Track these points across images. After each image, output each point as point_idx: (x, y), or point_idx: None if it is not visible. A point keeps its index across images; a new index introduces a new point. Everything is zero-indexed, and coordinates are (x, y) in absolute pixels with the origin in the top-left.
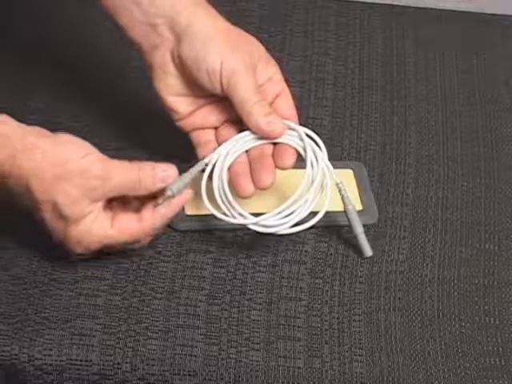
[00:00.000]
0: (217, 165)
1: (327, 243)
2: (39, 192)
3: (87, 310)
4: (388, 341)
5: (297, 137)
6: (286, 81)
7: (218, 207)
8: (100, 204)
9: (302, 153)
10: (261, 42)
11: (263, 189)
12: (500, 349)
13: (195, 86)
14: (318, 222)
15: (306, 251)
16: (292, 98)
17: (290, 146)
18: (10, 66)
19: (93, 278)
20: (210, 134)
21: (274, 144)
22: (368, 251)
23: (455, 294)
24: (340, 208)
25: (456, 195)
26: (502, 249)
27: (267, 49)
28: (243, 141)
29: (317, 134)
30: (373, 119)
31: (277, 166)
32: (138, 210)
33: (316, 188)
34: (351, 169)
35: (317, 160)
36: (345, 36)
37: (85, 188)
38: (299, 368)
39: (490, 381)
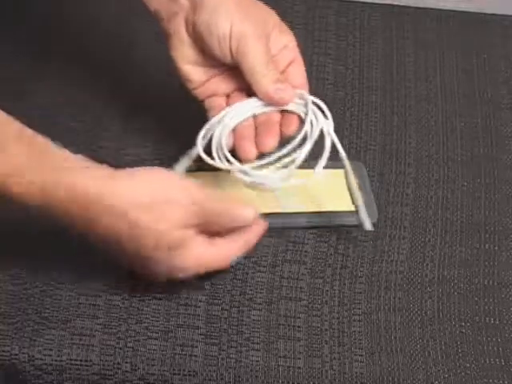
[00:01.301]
0: (220, 122)
1: (327, 243)
2: (141, 218)
3: (87, 309)
4: (388, 341)
5: (304, 105)
6: None
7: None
8: (199, 233)
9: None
10: None
11: (265, 151)
12: (500, 349)
13: (208, 55)
14: (320, 221)
15: (305, 251)
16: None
17: (296, 113)
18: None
19: (93, 278)
20: (221, 100)
21: (282, 112)
22: (368, 225)
23: (455, 294)
24: (340, 208)
25: (456, 195)
26: (502, 249)
27: None
28: (250, 106)
29: (325, 103)
30: (373, 119)
31: (282, 132)
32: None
33: (308, 147)
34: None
35: (317, 121)
36: (345, 36)
37: (185, 212)
38: (299, 368)
39: (490, 381)
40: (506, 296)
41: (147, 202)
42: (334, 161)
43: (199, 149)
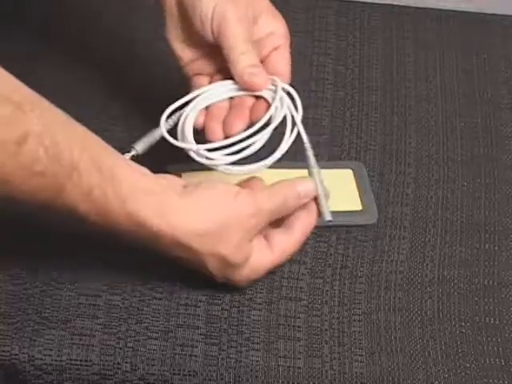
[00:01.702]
0: (192, 102)
1: (327, 243)
2: (203, 249)
3: (87, 309)
4: (388, 341)
5: (275, 92)
6: None
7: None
8: (256, 239)
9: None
10: None
11: (231, 134)
12: (500, 349)
13: (195, 35)
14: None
15: (305, 251)
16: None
17: (265, 100)
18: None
19: (93, 278)
20: (205, 79)
21: (256, 97)
22: (327, 215)
23: (455, 294)
24: (340, 208)
25: (456, 195)
26: (502, 249)
27: None
28: (226, 88)
29: (296, 91)
30: (373, 119)
31: (250, 118)
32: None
33: (269, 131)
34: (351, 169)
35: (282, 106)
36: (345, 36)
37: (243, 230)
38: (299, 368)
39: (490, 381)
40: (506, 296)
41: (206, 228)
42: (340, 161)
43: (162, 129)
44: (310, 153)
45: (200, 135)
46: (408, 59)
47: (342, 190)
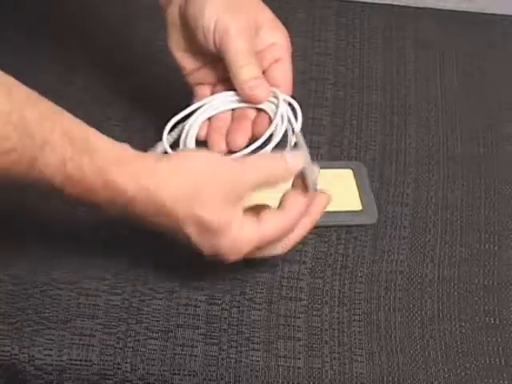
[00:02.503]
0: (194, 114)
1: (327, 243)
2: (178, 210)
3: (87, 309)
4: (388, 341)
5: (277, 105)
6: None
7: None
8: (239, 207)
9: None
10: None
11: (234, 149)
12: (500, 349)
13: (197, 44)
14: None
15: (305, 251)
16: (292, 68)
17: (267, 113)
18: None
19: (93, 278)
20: (207, 89)
21: (258, 109)
22: (312, 188)
23: (455, 294)
24: (340, 208)
25: (456, 195)
26: (502, 249)
27: None
28: (228, 100)
29: (298, 103)
30: (373, 119)
31: (252, 132)
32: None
33: (268, 150)
34: (351, 169)
35: (282, 124)
36: (345, 36)
37: (221, 193)
38: (299, 368)
39: (490, 381)
40: (506, 296)
41: (181, 188)
42: (340, 161)
43: (165, 143)
44: (300, 136)
45: (204, 145)
46: (408, 59)
47: (342, 190)
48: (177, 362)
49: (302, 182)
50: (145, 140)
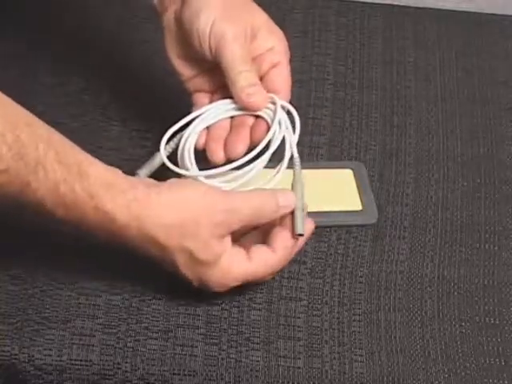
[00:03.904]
0: (192, 124)
1: (327, 243)
2: (168, 241)
3: (87, 309)
4: (388, 341)
5: (274, 112)
6: None
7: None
8: (228, 239)
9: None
10: None
11: (233, 158)
12: (500, 349)
13: (193, 51)
14: (325, 221)
15: (305, 251)
16: (291, 72)
17: (265, 120)
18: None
19: (93, 278)
20: (205, 97)
21: (256, 116)
22: (300, 228)
23: (455, 293)
24: (340, 208)
25: (456, 195)
26: (502, 249)
27: None
28: (226, 108)
29: (298, 103)
30: (373, 119)
31: (251, 139)
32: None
33: (267, 157)
34: (351, 169)
35: (280, 129)
36: (345, 36)
37: (212, 225)
38: (299, 368)
39: (490, 381)
40: (506, 296)
41: (173, 220)
42: (340, 161)
43: (162, 154)
44: (297, 167)
45: (202, 153)
46: (408, 59)
47: (342, 190)
48: (177, 362)
49: (290, 221)
50: (144, 140)
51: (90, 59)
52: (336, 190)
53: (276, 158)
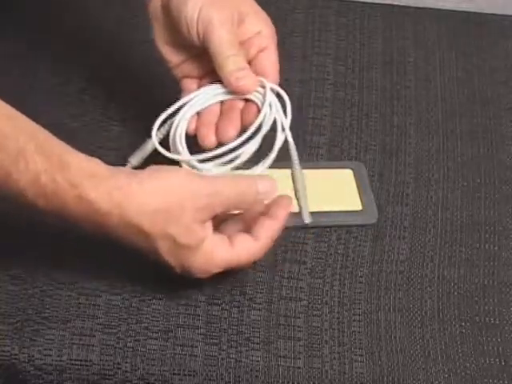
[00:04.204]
0: (182, 109)
1: (327, 243)
2: (151, 228)
3: (87, 309)
4: (388, 341)
5: (264, 95)
6: (286, 80)
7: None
8: (209, 224)
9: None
10: None
11: (224, 141)
12: (500, 349)
13: (181, 37)
14: (325, 221)
15: (305, 251)
16: (278, 57)
17: (255, 103)
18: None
19: (93, 278)
20: (193, 83)
21: (245, 100)
22: (306, 217)
23: (455, 293)
24: (340, 208)
25: (456, 195)
26: (502, 249)
27: None
28: (215, 92)
29: (286, 92)
30: (373, 119)
31: (242, 122)
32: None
33: (259, 139)
34: (351, 169)
35: (271, 111)
36: (345, 36)
37: (194, 210)
38: (299, 368)
39: (490, 381)
40: (506, 296)
41: (161, 208)
42: (340, 161)
43: (154, 140)
44: (293, 152)
45: (194, 139)
46: (408, 59)
47: (341, 190)
48: (177, 362)
49: (276, 210)
50: (144, 140)
51: (90, 59)
52: (336, 190)
53: (277, 159)
